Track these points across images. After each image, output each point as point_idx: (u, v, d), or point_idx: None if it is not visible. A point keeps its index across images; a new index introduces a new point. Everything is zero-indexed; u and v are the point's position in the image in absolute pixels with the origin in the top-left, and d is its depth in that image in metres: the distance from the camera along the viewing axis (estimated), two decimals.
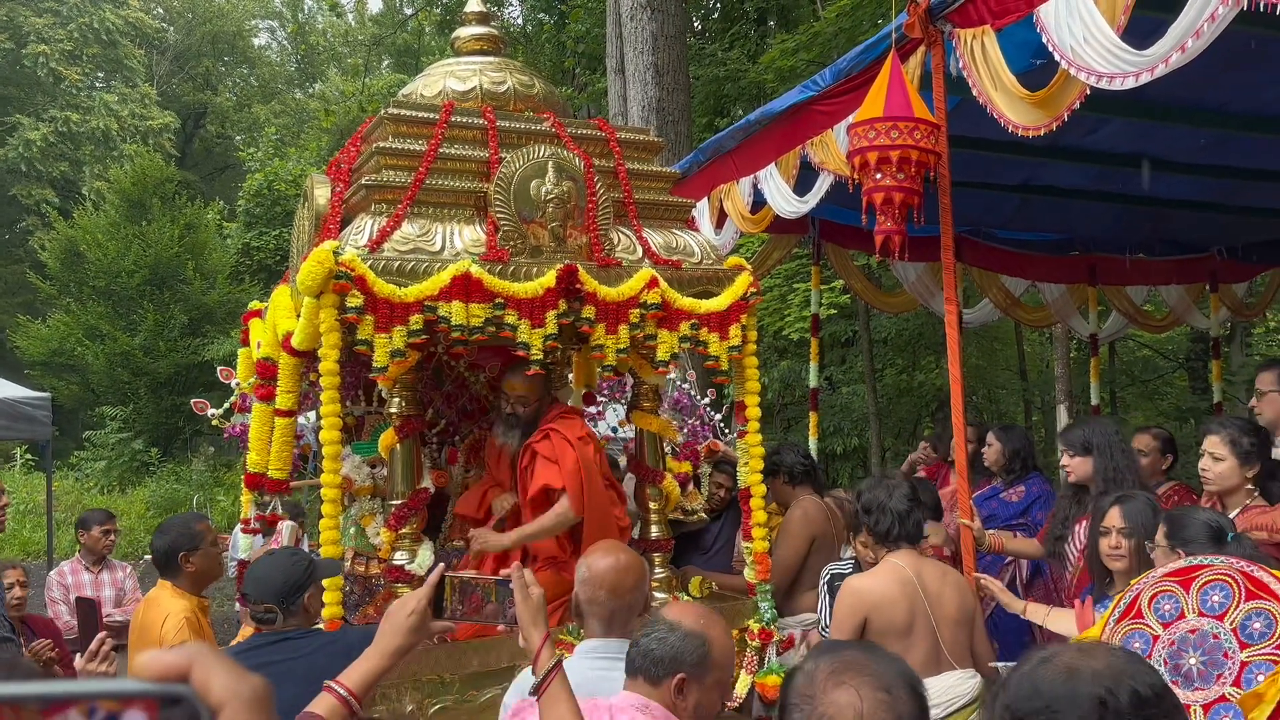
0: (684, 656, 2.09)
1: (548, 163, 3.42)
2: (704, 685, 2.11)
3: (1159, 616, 2.53)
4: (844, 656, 1.45)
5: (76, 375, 21.05)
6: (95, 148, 27.97)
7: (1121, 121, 5.22)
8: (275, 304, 3.55)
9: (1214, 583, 2.48)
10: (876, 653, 1.49)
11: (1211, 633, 2.44)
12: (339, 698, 1.84)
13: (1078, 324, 8.62)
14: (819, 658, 1.47)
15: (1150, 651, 2.52)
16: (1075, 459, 4.03)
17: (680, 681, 2.08)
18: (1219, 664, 2.39)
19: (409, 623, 1.95)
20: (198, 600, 3.70)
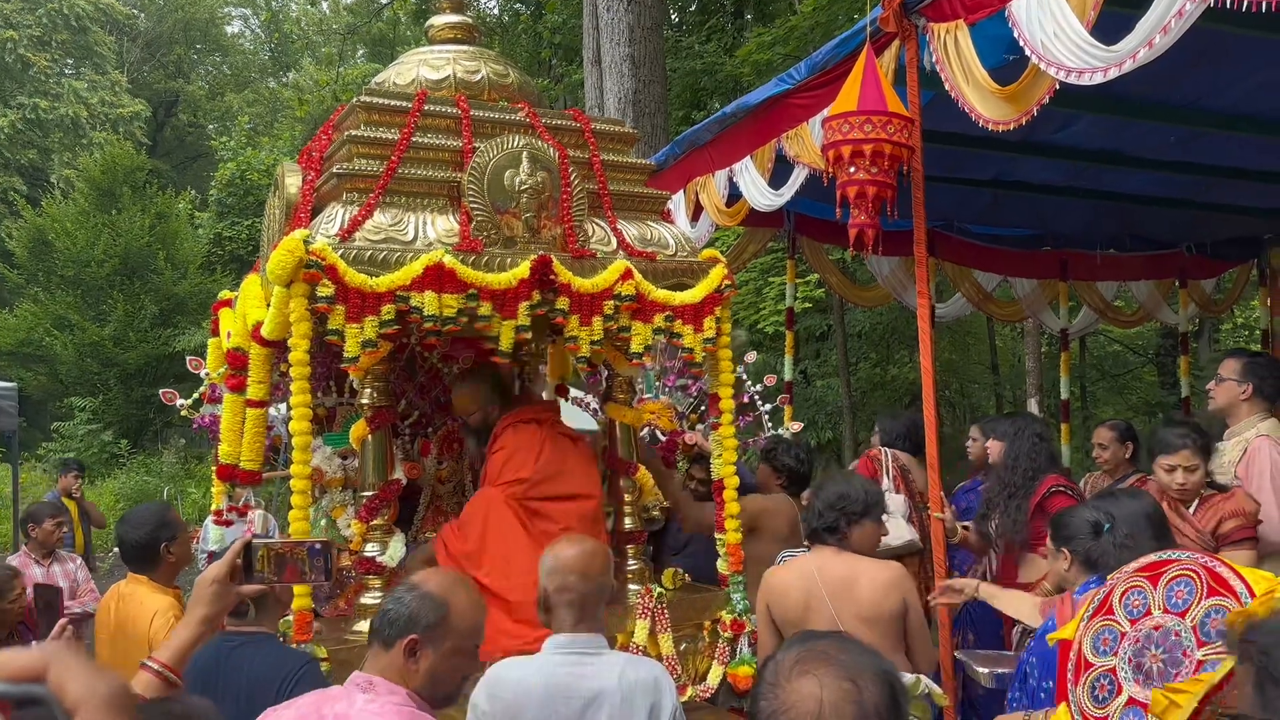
0: (419, 618, 2.05)
1: (522, 153, 3.40)
2: (440, 651, 2.06)
3: (1128, 612, 2.55)
4: (813, 646, 1.46)
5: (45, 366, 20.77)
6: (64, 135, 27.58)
7: (1091, 118, 5.27)
8: (245, 293, 3.51)
9: (1180, 578, 2.49)
10: (849, 644, 1.49)
11: (1173, 630, 2.45)
12: (154, 674, 1.91)
13: (1049, 319, 8.71)
14: (789, 648, 1.48)
15: (1117, 648, 2.54)
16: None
17: (411, 643, 2.04)
18: (1177, 662, 2.40)
19: (210, 591, 1.97)
20: (175, 591, 3.64)
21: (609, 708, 2.36)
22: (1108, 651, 2.54)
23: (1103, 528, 3.03)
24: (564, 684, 2.36)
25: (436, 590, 2.09)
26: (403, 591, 2.11)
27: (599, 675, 2.39)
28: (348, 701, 2.01)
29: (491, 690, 2.39)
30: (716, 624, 3.71)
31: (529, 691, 2.35)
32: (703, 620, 3.74)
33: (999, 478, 4.42)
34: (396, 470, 3.64)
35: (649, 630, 3.51)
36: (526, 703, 2.34)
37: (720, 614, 3.72)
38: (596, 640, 2.46)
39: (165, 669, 1.94)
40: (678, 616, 3.63)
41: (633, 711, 2.37)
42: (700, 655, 3.71)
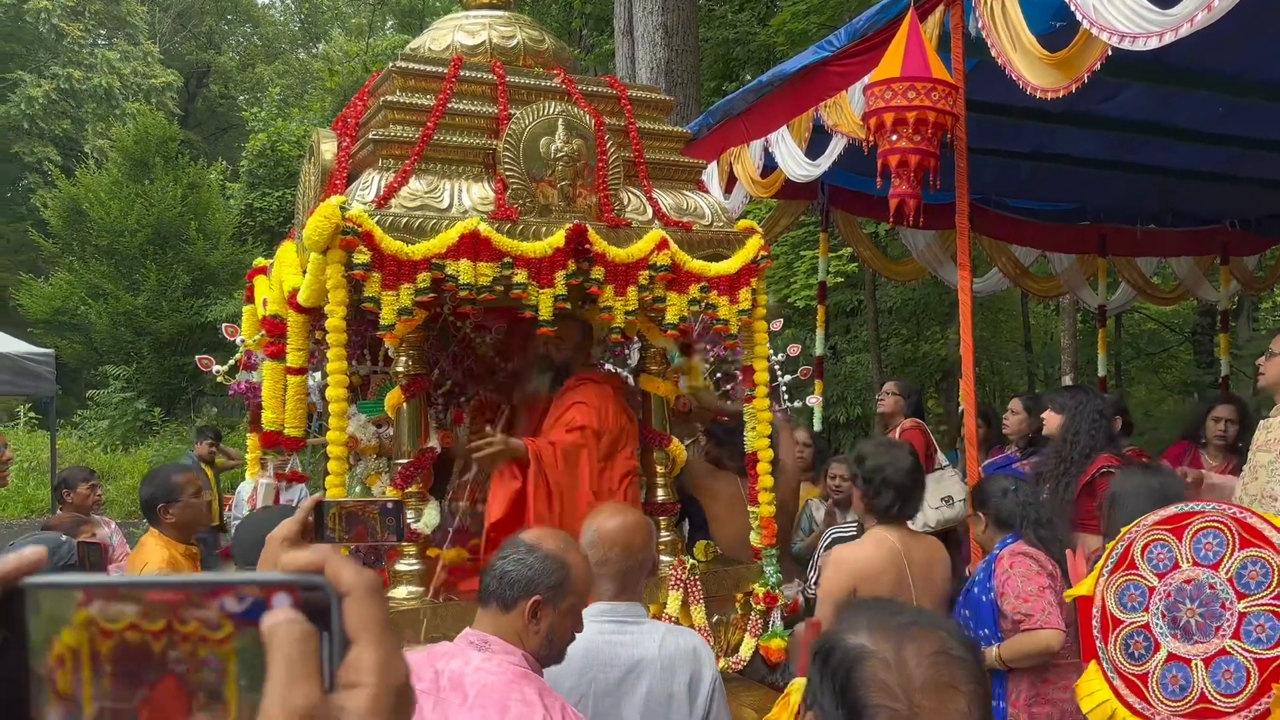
0: (541, 579, 2.04)
1: (558, 120, 3.36)
2: (559, 610, 2.06)
3: (1153, 566, 2.51)
4: (951, 651, 1.21)
5: (80, 334, 21.04)
6: (97, 105, 27.77)
7: (1139, 87, 5.15)
8: (281, 260, 3.51)
9: (1207, 529, 2.45)
10: (946, 623, 1.35)
11: (1207, 583, 2.41)
12: None
13: (1086, 295, 8.59)
14: (898, 638, 1.22)
15: (1147, 603, 2.50)
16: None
17: (535, 604, 2.04)
18: (1217, 615, 2.36)
19: (279, 554, 1.96)
20: (184, 548, 3.73)
21: (649, 676, 2.35)
22: (1136, 607, 2.50)
23: (1009, 489, 3.40)
24: (604, 652, 2.36)
25: (556, 550, 2.08)
26: (522, 553, 2.09)
27: (639, 644, 2.38)
28: (463, 659, 2.00)
29: None
30: (749, 596, 3.69)
31: (569, 658, 2.35)
32: (735, 593, 3.73)
33: (1056, 451, 4.30)
34: (431, 438, 3.62)
35: (681, 602, 3.50)
36: (566, 670, 2.34)
37: (753, 586, 3.70)
38: (636, 609, 2.45)
39: None
40: (710, 589, 3.62)
41: (672, 680, 2.36)
42: (732, 628, 3.69)
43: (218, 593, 0.59)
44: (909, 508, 3.26)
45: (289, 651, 0.57)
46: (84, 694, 0.59)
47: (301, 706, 0.56)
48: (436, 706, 1.87)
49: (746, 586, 3.72)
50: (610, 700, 2.33)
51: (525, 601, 2.03)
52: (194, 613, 0.59)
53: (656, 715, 2.34)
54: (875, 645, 1.22)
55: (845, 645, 1.24)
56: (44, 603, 0.59)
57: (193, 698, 0.59)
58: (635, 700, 2.33)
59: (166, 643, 0.59)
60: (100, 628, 0.59)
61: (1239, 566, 2.39)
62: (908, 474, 3.22)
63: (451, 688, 1.93)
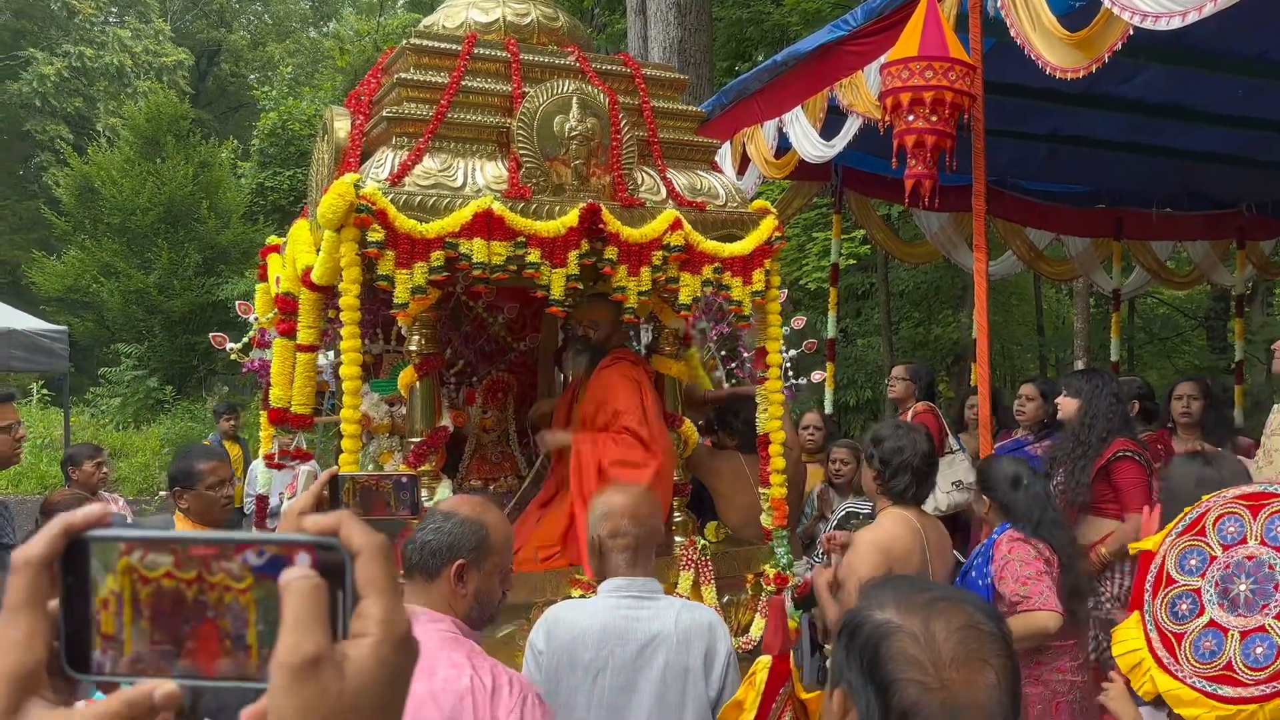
0: (462, 543, 2.07)
1: (572, 98, 3.34)
2: (484, 571, 2.09)
3: (1221, 538, 2.52)
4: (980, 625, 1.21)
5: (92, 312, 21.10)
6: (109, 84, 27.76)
7: (1158, 69, 5.10)
8: (294, 238, 3.51)
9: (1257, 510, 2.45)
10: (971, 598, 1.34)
11: (1268, 563, 2.42)
12: None
13: (1100, 278, 8.53)
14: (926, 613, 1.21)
15: (1205, 570, 2.51)
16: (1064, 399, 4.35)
17: (460, 568, 2.06)
18: (1267, 594, 2.38)
19: (297, 524, 1.98)
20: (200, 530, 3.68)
21: (665, 650, 2.36)
22: (1194, 571, 2.52)
23: (1020, 481, 3.39)
24: (620, 626, 2.37)
25: (472, 514, 2.11)
26: (439, 521, 2.12)
27: (655, 618, 2.39)
28: None
29: (550, 631, 2.41)
30: (760, 577, 3.69)
31: (585, 633, 2.36)
32: (746, 573, 3.73)
33: (1073, 435, 4.28)
34: (444, 417, 3.63)
35: (692, 582, 3.50)
36: (583, 644, 2.35)
37: (764, 567, 3.70)
38: (652, 584, 2.46)
39: None
40: (721, 569, 3.62)
41: (688, 655, 2.37)
42: (743, 608, 3.70)
43: (243, 548, 0.66)
44: (924, 491, 3.26)
45: (301, 603, 0.63)
46: (125, 634, 0.67)
47: (310, 652, 0.62)
48: None
49: (757, 567, 3.72)
50: (627, 674, 2.35)
51: (449, 567, 2.06)
52: (221, 564, 0.66)
53: (673, 689, 2.35)
54: (903, 620, 1.20)
55: (872, 621, 1.22)
56: (94, 553, 0.67)
57: (221, 642, 0.67)
58: (652, 674, 2.35)
59: (198, 590, 0.66)
60: (140, 574, 0.66)
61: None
62: (924, 458, 3.22)
63: None
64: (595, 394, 3.63)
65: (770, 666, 2.40)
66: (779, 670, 2.40)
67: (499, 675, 1.97)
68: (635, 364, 3.75)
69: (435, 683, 1.92)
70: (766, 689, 2.35)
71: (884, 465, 3.24)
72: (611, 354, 3.73)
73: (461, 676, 1.93)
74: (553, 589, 3.29)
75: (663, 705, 2.35)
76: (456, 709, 1.90)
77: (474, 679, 1.93)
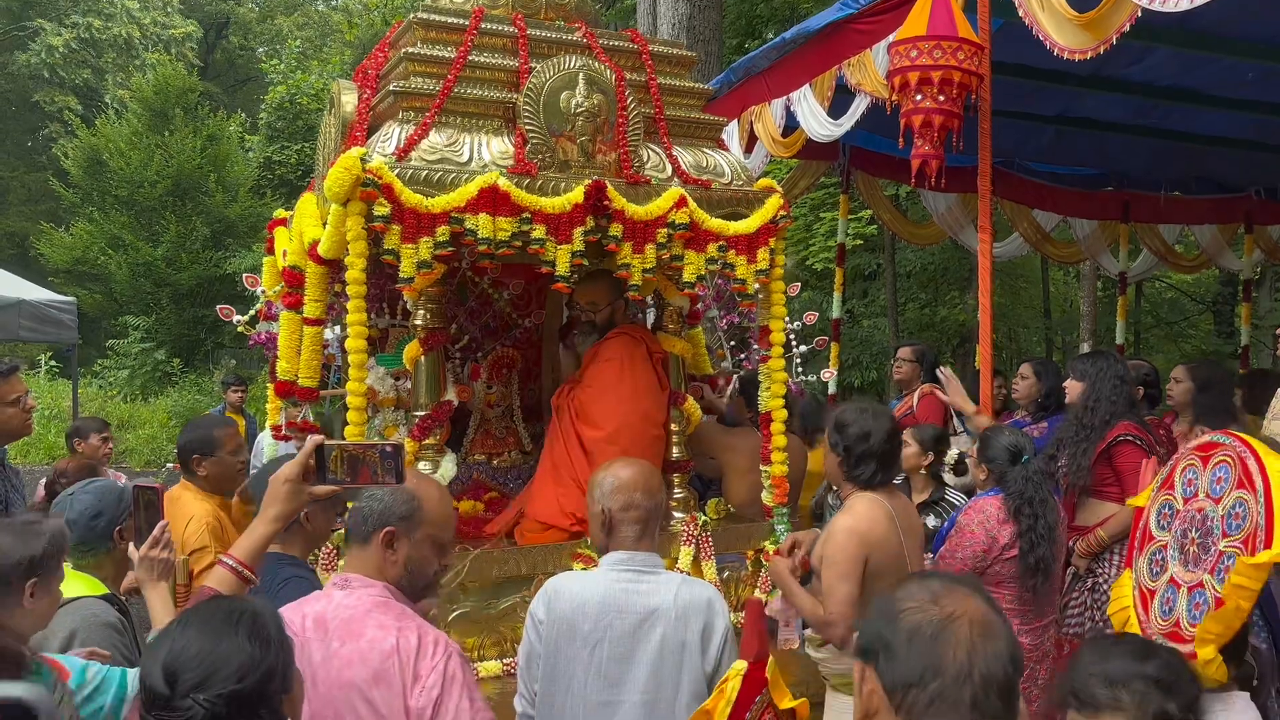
0: (392, 510, 2.11)
1: (578, 74, 3.34)
2: (414, 540, 2.13)
3: (1183, 490, 2.57)
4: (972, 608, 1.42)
5: (100, 284, 21.16)
6: (117, 55, 27.68)
7: (1167, 51, 5.07)
8: (301, 212, 3.52)
9: (1222, 463, 2.46)
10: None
11: (1210, 516, 2.44)
12: (230, 569, 2.05)
13: (1107, 261, 8.51)
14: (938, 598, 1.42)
15: (1171, 525, 2.55)
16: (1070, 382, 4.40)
17: (388, 535, 2.11)
18: (1208, 550, 2.40)
19: (284, 490, 2.08)
20: (219, 500, 3.72)
21: (663, 624, 2.39)
22: (1165, 527, 2.56)
23: (1020, 456, 3.57)
24: (620, 599, 2.40)
25: (408, 485, 2.16)
26: (374, 490, 2.17)
27: (655, 593, 2.42)
28: (326, 600, 2.09)
29: (550, 602, 2.44)
30: (759, 553, 3.73)
31: (585, 604, 2.39)
32: (746, 549, 3.77)
33: (1076, 418, 4.28)
34: (449, 392, 3.66)
35: (693, 557, 3.54)
36: (583, 615, 2.39)
37: (764, 544, 3.74)
38: (653, 559, 2.49)
39: (240, 565, 2.05)
40: (721, 545, 3.66)
41: (686, 629, 2.40)
42: (743, 584, 3.74)
43: None
44: (890, 474, 3.18)
45: None
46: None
47: None
48: (302, 649, 1.94)
49: (757, 543, 3.76)
50: (625, 645, 2.38)
51: (378, 533, 2.10)
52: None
53: (669, 662, 2.38)
54: None
55: None
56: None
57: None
58: (649, 647, 2.38)
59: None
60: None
61: (1231, 505, 2.40)
62: (887, 441, 3.12)
63: (315, 628, 2.02)
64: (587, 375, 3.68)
65: (744, 673, 2.30)
66: (754, 678, 2.31)
67: (424, 635, 2.02)
68: (636, 340, 3.77)
69: (362, 644, 1.99)
70: (740, 697, 2.27)
71: (848, 453, 3.14)
72: (616, 329, 3.76)
73: (388, 637, 1.99)
74: (555, 562, 3.33)
75: (659, 678, 2.39)
76: (381, 667, 1.96)
77: (399, 638, 1.99)
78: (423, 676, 1.96)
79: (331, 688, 1.96)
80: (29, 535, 2.28)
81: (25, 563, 2.23)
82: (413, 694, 1.94)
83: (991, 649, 1.36)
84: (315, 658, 1.98)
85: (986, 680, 1.33)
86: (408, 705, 1.94)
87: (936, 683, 1.33)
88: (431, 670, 1.96)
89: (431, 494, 2.20)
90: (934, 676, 1.33)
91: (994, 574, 3.53)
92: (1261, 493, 2.29)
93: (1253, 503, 2.31)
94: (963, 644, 1.35)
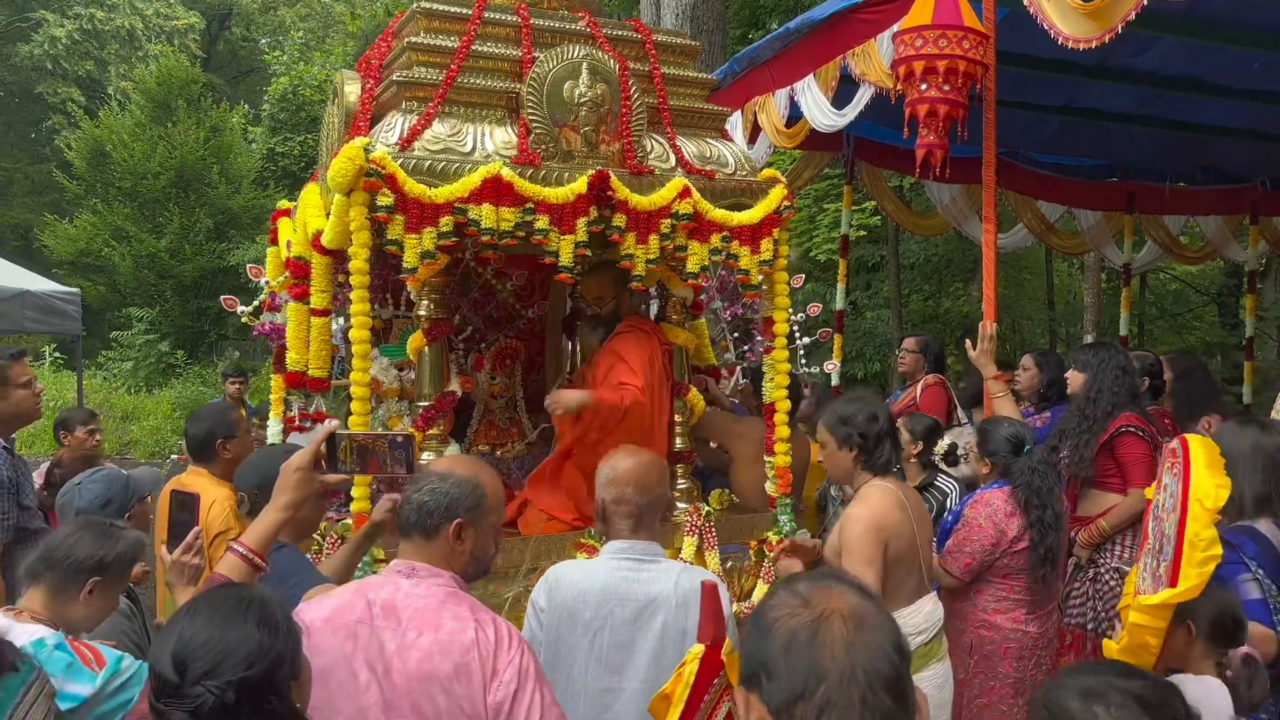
0: (460, 502, 2.11)
1: (582, 64, 3.33)
2: (480, 529, 2.14)
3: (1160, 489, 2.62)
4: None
5: (103, 276, 21.19)
6: (120, 47, 27.66)
7: (1172, 40, 5.05)
8: (305, 202, 3.52)
9: (1174, 477, 2.51)
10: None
11: (1166, 531, 2.47)
12: (240, 556, 2.06)
13: (1112, 253, 8.49)
14: None
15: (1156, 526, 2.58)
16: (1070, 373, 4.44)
17: (458, 526, 2.11)
18: (1163, 549, 2.42)
19: (295, 478, 2.10)
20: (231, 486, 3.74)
21: (664, 612, 2.40)
22: (1154, 519, 2.59)
23: (1022, 446, 3.60)
24: (620, 588, 2.40)
25: (469, 474, 2.16)
26: (435, 482, 2.15)
27: (655, 581, 2.43)
28: (393, 587, 2.08)
29: (551, 589, 2.45)
30: (763, 544, 3.73)
31: (586, 592, 2.40)
32: (749, 540, 3.77)
33: (1078, 409, 4.30)
34: (452, 382, 3.66)
35: (696, 547, 3.54)
36: (584, 603, 2.39)
37: (767, 534, 3.74)
38: (654, 548, 2.50)
39: (250, 552, 2.06)
40: (724, 536, 3.66)
41: (687, 617, 2.40)
42: (746, 574, 3.74)
43: None
44: (897, 455, 3.31)
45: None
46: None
47: None
48: (372, 635, 1.95)
49: (760, 534, 3.76)
50: (626, 633, 2.39)
51: (447, 525, 2.10)
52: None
53: (670, 650, 2.39)
54: None
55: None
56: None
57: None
58: (650, 634, 2.39)
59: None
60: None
61: (1171, 526, 2.44)
62: (890, 420, 3.27)
63: (385, 615, 2.02)
64: (605, 359, 3.67)
65: (701, 656, 2.31)
66: (711, 660, 2.31)
67: (500, 628, 2.03)
68: (648, 332, 3.77)
69: (442, 635, 1.98)
70: (697, 681, 2.28)
71: (864, 440, 3.19)
72: (625, 321, 3.76)
73: (466, 630, 1.99)
74: (559, 552, 3.33)
75: (660, 666, 2.39)
76: (463, 660, 1.95)
77: (478, 631, 1.99)
78: (500, 671, 1.97)
79: (410, 679, 1.96)
80: (108, 538, 2.36)
81: (95, 561, 2.29)
82: (491, 689, 1.95)
83: (872, 640, 1.26)
84: (389, 647, 1.98)
85: (870, 676, 1.23)
86: (486, 700, 1.95)
87: (822, 688, 1.23)
88: (508, 665, 1.97)
89: (490, 480, 2.21)
90: (818, 683, 1.23)
91: (1002, 566, 3.55)
92: (1176, 524, 2.32)
93: (1173, 532, 2.35)
94: (839, 641, 1.26)
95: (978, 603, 3.63)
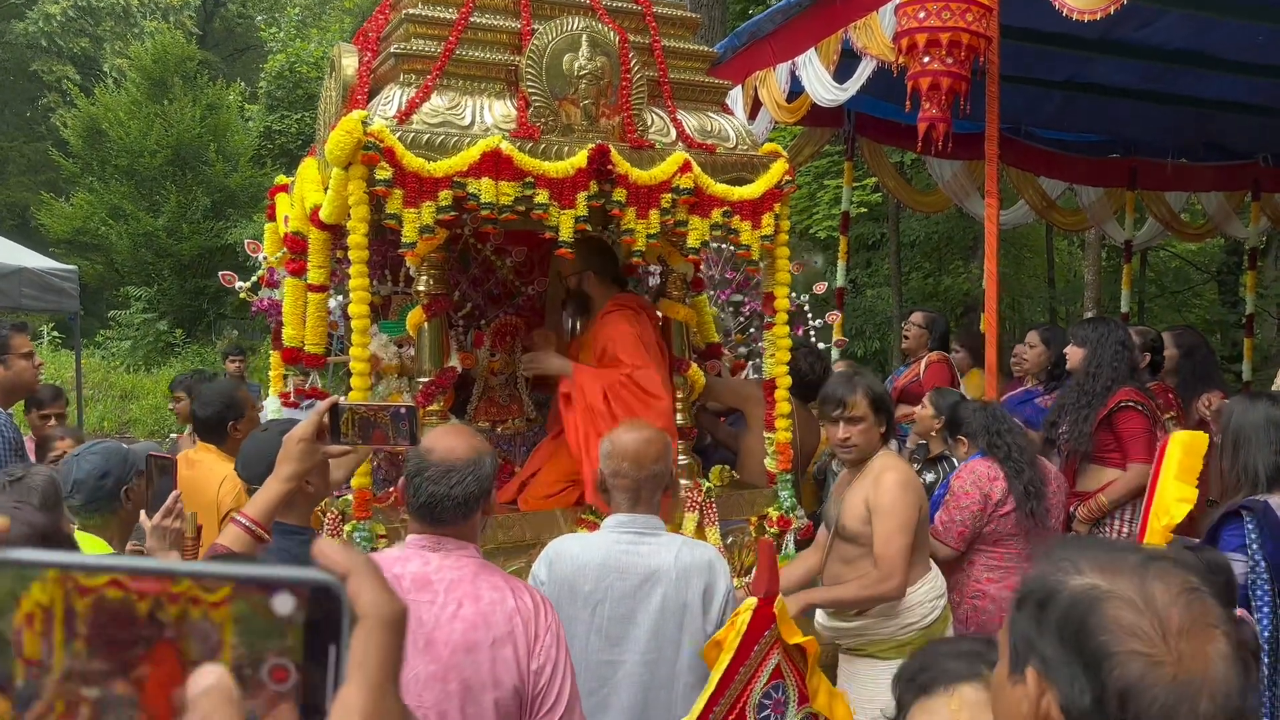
0: (485, 485, 2.15)
1: (581, 36, 3.30)
2: (492, 499, 2.21)
3: None
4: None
5: (101, 255, 21.11)
6: (115, 23, 27.44)
7: (1178, 14, 5.01)
8: (302, 177, 3.50)
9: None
10: (1182, 555, 1.28)
11: None
12: (243, 528, 2.06)
13: (1113, 229, 8.46)
14: (1139, 576, 1.05)
15: None
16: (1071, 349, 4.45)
17: (485, 509, 2.18)
18: None
19: (297, 449, 2.08)
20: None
21: (664, 585, 2.40)
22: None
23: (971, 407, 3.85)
24: (620, 561, 2.41)
25: (473, 452, 2.17)
26: (457, 474, 2.14)
27: (655, 554, 2.43)
28: (421, 560, 2.10)
29: (552, 563, 2.46)
30: (763, 520, 3.73)
31: (586, 565, 2.41)
32: (750, 515, 3.77)
33: (1078, 384, 4.30)
34: (452, 359, 3.65)
35: (697, 523, 3.54)
36: (583, 576, 2.40)
37: (767, 510, 3.74)
38: (654, 522, 2.49)
39: (254, 524, 2.06)
40: (725, 511, 3.66)
41: (687, 590, 2.41)
42: (746, 549, 3.75)
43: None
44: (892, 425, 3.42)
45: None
46: (54, 659, 0.50)
47: None
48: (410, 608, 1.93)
49: (761, 510, 3.76)
50: (626, 606, 2.40)
51: (478, 510, 2.15)
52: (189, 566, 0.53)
53: (670, 623, 2.40)
54: (1112, 585, 1.06)
55: (1070, 588, 1.08)
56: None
57: (184, 670, 0.51)
58: (650, 608, 2.39)
59: (153, 603, 0.51)
60: (77, 583, 0.51)
61: None
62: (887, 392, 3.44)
63: (418, 589, 2.04)
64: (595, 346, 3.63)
65: (755, 609, 2.39)
66: (763, 613, 2.39)
67: (534, 594, 2.11)
68: (637, 311, 3.74)
69: (483, 605, 2.03)
70: (749, 631, 2.36)
71: (888, 412, 3.29)
72: (611, 301, 3.71)
73: (505, 598, 2.05)
74: (559, 528, 3.33)
75: (660, 638, 2.40)
76: (508, 627, 2.01)
77: (517, 600, 2.05)
78: (541, 635, 2.03)
79: (455, 651, 2.00)
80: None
81: None
82: (535, 653, 2.01)
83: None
84: (426, 619, 2.01)
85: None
86: (529, 666, 2.00)
87: None
88: (546, 630, 2.04)
89: (488, 448, 2.23)
90: None
91: (992, 533, 3.64)
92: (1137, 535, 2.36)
93: None
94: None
95: (971, 574, 3.69)
